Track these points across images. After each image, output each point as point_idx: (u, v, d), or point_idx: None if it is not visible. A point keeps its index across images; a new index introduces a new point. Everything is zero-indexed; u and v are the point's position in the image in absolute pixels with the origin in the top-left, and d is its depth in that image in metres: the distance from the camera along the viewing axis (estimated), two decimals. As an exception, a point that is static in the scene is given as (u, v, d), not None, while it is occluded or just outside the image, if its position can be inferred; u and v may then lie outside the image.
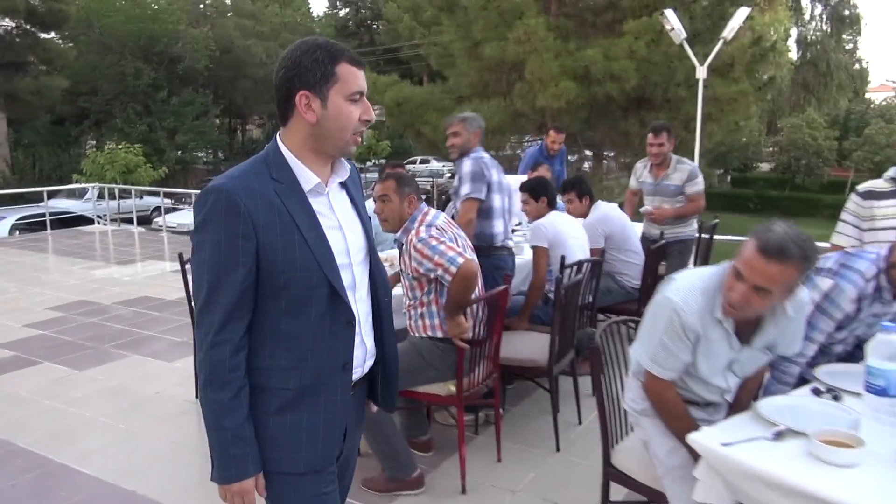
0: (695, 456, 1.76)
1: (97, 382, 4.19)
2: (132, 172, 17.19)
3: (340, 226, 1.55)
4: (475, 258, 2.81)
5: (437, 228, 2.75)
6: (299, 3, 33.30)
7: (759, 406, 1.78)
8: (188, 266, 3.99)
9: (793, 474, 1.52)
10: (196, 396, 3.88)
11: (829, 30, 38.75)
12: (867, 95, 40.00)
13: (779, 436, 1.66)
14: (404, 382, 2.65)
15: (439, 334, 2.74)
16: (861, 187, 2.74)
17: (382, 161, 25.65)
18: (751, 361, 1.94)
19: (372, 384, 1.75)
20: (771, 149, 33.33)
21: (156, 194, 14.84)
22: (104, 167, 16.87)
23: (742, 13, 9.21)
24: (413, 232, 2.71)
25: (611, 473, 2.22)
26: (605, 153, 15.87)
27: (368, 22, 38.79)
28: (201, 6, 29.01)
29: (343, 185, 1.62)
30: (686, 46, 9.46)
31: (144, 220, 14.55)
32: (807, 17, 38.67)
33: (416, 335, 2.80)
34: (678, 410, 1.93)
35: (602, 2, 12.92)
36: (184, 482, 3.01)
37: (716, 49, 9.60)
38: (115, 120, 23.24)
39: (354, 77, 1.46)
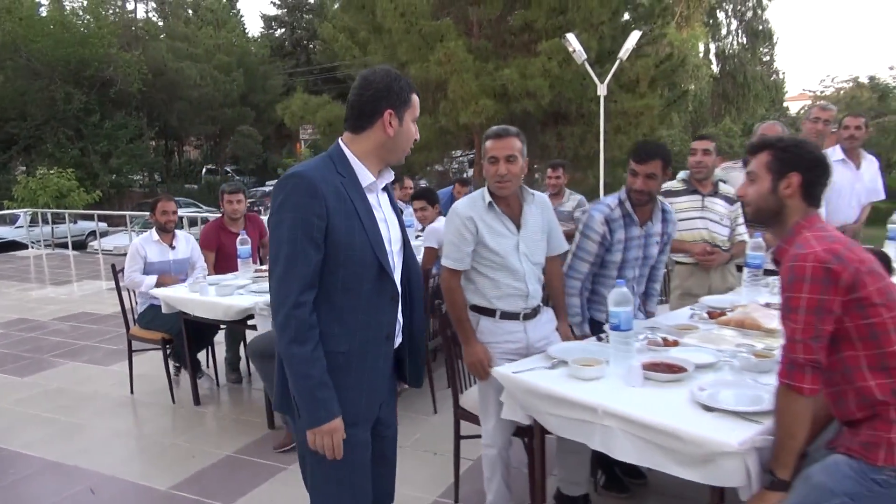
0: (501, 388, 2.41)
1: (39, 386, 4.61)
2: (65, 197, 17.17)
3: (386, 219, 1.85)
4: None
5: None
6: (233, 24, 33.41)
7: (551, 349, 2.45)
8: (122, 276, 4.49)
9: (558, 387, 2.17)
10: (131, 391, 4.36)
11: (744, 44, 40.98)
12: (785, 104, 42.52)
13: (553, 366, 2.33)
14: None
15: None
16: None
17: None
18: (533, 245, 2.56)
19: (399, 363, 1.97)
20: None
21: (90, 218, 14.93)
22: (36, 192, 16.82)
23: (635, 35, 10.17)
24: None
25: (459, 413, 2.86)
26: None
27: (304, 42, 39.11)
28: (133, 29, 28.91)
29: (385, 188, 1.92)
30: (587, 66, 10.36)
31: (80, 245, 14.61)
32: (724, 32, 40.79)
33: None
34: (456, 298, 2.53)
35: (519, 24, 13.79)
36: (120, 458, 3.51)
37: (613, 68, 10.53)
38: (46, 145, 22.98)
39: (417, 106, 1.85)
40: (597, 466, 2.87)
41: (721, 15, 39.77)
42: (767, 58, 42.66)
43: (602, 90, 10.18)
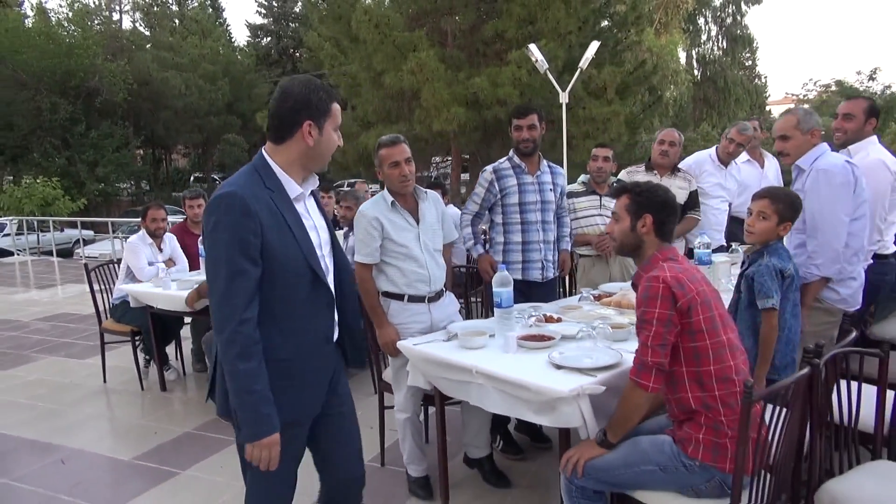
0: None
1: (18, 378, 5.00)
2: (50, 205, 17.50)
3: (315, 226, 1.94)
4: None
5: None
6: (219, 34, 33.78)
7: (450, 326, 2.87)
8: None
9: (446, 354, 2.59)
10: (104, 381, 4.77)
11: (725, 49, 41.60)
12: (768, 108, 43.25)
13: (448, 339, 2.76)
14: None
15: None
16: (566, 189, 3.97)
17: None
18: (431, 235, 2.99)
19: (342, 347, 2.10)
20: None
21: (73, 226, 15.26)
22: (21, 201, 17.14)
23: (594, 46, 10.66)
24: None
25: (382, 386, 3.29)
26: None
27: (291, 51, 39.53)
28: (118, 39, 29.24)
29: (311, 192, 2.00)
30: (549, 75, 10.83)
31: (67, 253, 14.93)
32: (704, 37, 41.40)
33: None
34: (369, 288, 2.94)
35: (490, 34, 14.26)
36: (90, 436, 3.91)
37: (574, 78, 11.01)
38: (33, 154, 23.29)
39: (339, 114, 1.91)
40: (496, 431, 3.30)
41: (701, 21, 40.31)
42: (749, 63, 43.34)
43: (564, 98, 10.67)
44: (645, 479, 2.12)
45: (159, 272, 4.56)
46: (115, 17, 31.90)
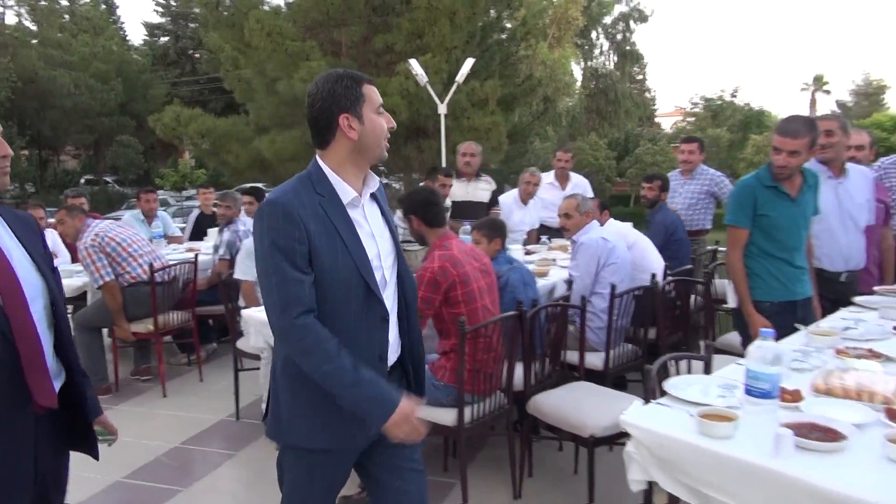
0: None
1: None
2: (-76, 207, 16.79)
3: (373, 234, 1.81)
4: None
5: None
6: (112, 32, 32.80)
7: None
8: None
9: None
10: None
11: (615, 63, 44.14)
12: (658, 119, 46.26)
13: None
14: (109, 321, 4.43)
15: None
16: None
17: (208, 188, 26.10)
18: None
19: (405, 373, 1.97)
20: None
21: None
22: None
23: (469, 62, 11.65)
24: None
25: (236, 352, 3.98)
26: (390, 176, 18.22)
27: (190, 51, 38.80)
28: (0, 35, 27.93)
29: (374, 197, 1.87)
30: (429, 88, 11.72)
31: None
32: (597, 52, 43.78)
33: None
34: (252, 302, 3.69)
35: (380, 46, 15.02)
36: None
37: (451, 91, 11.95)
38: None
39: (375, 93, 1.78)
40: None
41: (593, 36, 42.61)
42: (640, 77, 46.19)
43: (442, 109, 11.59)
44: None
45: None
46: (-2, 11, 30.44)
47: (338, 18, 14.88)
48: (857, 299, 3.43)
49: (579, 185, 6.16)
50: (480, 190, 5.41)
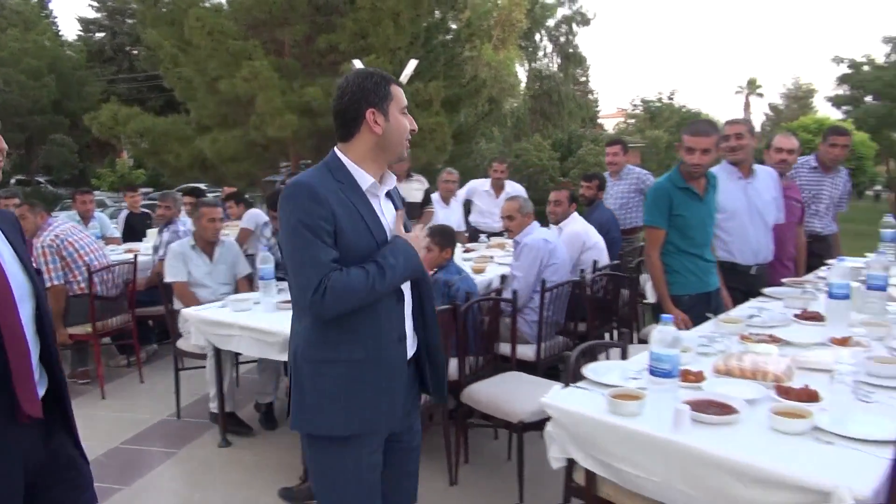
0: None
1: None
2: None
3: (389, 226, 1.87)
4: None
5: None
6: (44, 27, 31.59)
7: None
8: None
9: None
10: None
11: (560, 65, 44.91)
12: (601, 120, 47.28)
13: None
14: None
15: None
16: None
17: (151, 189, 25.47)
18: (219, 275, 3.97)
19: (422, 375, 2.00)
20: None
21: None
22: None
23: (412, 63, 11.71)
24: None
25: (176, 352, 4.01)
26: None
27: (127, 48, 37.66)
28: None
29: (389, 196, 1.93)
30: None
31: None
32: (541, 54, 44.46)
33: None
34: (190, 301, 3.76)
35: (324, 46, 14.98)
36: None
37: (395, 91, 12.07)
38: None
39: (402, 95, 1.85)
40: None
41: (538, 38, 43.28)
42: (583, 79, 47.10)
43: (385, 110, 11.70)
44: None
45: None
46: (-82, 2, 28.97)
47: (280, 17, 14.78)
48: (766, 290, 3.71)
49: (513, 193, 6.42)
50: (413, 190, 5.62)
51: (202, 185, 28.31)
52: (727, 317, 3.15)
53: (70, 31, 49.19)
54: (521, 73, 41.93)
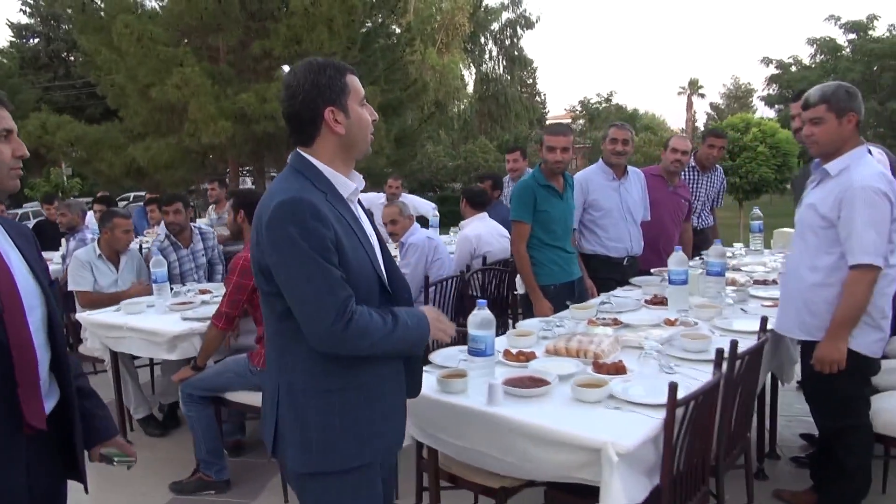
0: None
1: None
2: None
3: (367, 232, 1.73)
4: None
5: None
6: (-26, 33, 30.61)
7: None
8: None
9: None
10: None
11: (505, 67, 45.45)
12: (549, 122, 48.05)
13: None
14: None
15: None
16: None
17: (87, 198, 24.91)
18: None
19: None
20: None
21: None
22: None
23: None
24: None
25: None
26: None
27: (63, 54, 36.72)
28: None
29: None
30: (303, 95, 11.94)
31: None
32: (486, 57, 44.93)
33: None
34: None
35: (258, 52, 15.01)
36: None
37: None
38: None
39: (358, 84, 1.66)
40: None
41: (483, 41, 43.72)
42: (529, 81, 47.77)
43: (319, 115, 11.86)
44: (228, 382, 3.24)
45: None
46: None
47: (213, 24, 14.74)
48: (632, 280, 4.03)
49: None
50: None
51: (143, 193, 27.97)
52: (583, 304, 3.43)
53: (0, 37, 47.66)
54: (468, 76, 42.34)
